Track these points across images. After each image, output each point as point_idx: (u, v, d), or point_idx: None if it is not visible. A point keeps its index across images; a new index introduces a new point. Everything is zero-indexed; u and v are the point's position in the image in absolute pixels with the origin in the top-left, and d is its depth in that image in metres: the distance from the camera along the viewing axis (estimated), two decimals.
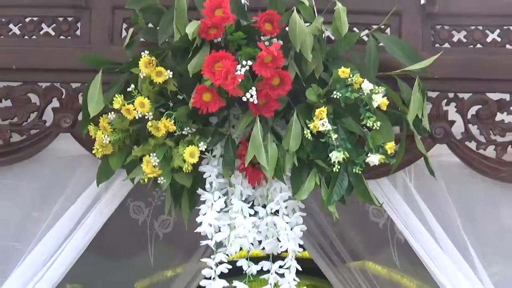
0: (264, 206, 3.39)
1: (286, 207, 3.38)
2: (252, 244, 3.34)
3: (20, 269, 3.63)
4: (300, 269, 3.40)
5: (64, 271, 3.68)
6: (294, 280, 3.41)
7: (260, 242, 3.38)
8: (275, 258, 3.41)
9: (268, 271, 3.38)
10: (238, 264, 3.37)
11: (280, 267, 3.38)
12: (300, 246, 3.43)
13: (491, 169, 3.63)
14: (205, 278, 3.36)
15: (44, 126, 3.60)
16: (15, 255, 3.67)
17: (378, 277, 5.49)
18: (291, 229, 3.37)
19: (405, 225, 3.69)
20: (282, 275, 3.39)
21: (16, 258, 3.66)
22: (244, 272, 3.36)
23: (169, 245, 5.46)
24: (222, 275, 3.32)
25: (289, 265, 3.39)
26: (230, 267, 3.33)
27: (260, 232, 3.36)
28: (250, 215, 3.35)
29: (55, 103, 3.61)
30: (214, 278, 3.33)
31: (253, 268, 3.37)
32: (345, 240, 5.33)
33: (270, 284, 3.38)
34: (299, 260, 3.43)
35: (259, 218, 3.37)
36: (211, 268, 3.33)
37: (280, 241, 3.37)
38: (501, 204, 3.75)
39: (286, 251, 3.39)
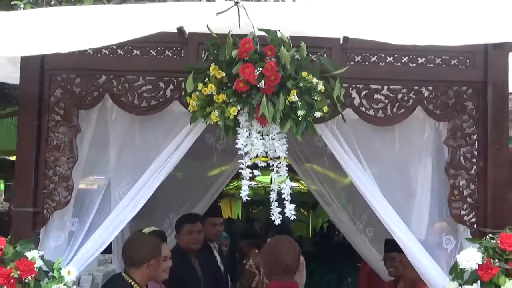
0: (268, 135, 3.41)
1: (278, 136, 3.41)
2: (261, 153, 3.39)
3: (146, 173, 3.64)
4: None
5: (172, 167, 3.69)
6: (285, 170, 3.45)
7: (266, 152, 3.41)
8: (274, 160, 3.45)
9: (272, 165, 3.44)
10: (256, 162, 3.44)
11: (278, 163, 3.44)
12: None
13: (372, 121, 3.64)
14: (240, 169, 3.43)
15: (166, 97, 3.62)
16: (143, 168, 3.66)
17: (318, 172, 5.48)
18: (281, 146, 3.42)
19: (331, 146, 3.69)
20: (279, 168, 3.44)
21: (144, 168, 3.65)
22: (258, 166, 3.41)
23: (224, 154, 5.53)
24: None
25: (282, 163, 3.45)
26: (251, 163, 3.43)
27: (266, 147, 3.39)
28: (260, 139, 3.39)
29: (171, 86, 3.62)
30: (244, 168, 3.41)
31: (262, 164, 3.42)
32: (303, 152, 5.35)
33: (273, 171, 3.43)
34: None
35: (265, 141, 3.39)
36: (243, 164, 3.40)
37: (276, 152, 3.41)
38: (373, 137, 3.76)
39: (279, 157, 3.44)
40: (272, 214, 3.41)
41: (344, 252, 9.95)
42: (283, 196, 3.41)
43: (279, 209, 3.39)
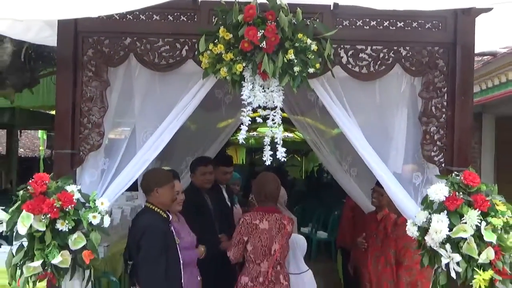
0: (268, 88, 3.39)
1: (276, 88, 3.39)
2: (263, 103, 3.39)
3: (166, 120, 3.62)
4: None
5: (188, 115, 3.67)
6: (279, 118, 3.42)
7: (266, 102, 3.40)
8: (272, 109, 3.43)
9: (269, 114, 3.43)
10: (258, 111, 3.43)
11: (274, 112, 3.42)
12: (282, 108, 3.48)
13: (357, 76, 3.61)
14: (243, 117, 3.42)
15: (182, 56, 3.59)
16: (163, 116, 3.64)
17: (310, 124, 5.40)
18: (278, 97, 3.40)
19: (322, 98, 3.67)
20: (274, 116, 3.42)
21: (164, 116, 3.63)
22: (260, 116, 3.43)
23: (230, 106, 5.47)
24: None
25: (277, 112, 3.43)
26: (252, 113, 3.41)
27: (266, 98, 3.38)
28: (262, 92, 3.37)
29: (186, 47, 3.58)
30: (246, 116, 3.40)
31: (264, 113, 3.42)
32: (298, 105, 5.27)
33: (269, 119, 3.43)
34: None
35: (266, 93, 3.38)
36: (244, 112, 3.40)
37: (274, 102, 3.40)
38: (358, 90, 3.70)
39: (276, 107, 3.42)
40: (264, 156, 3.43)
41: (331, 190, 10.06)
42: (276, 140, 3.41)
43: (271, 152, 3.40)
